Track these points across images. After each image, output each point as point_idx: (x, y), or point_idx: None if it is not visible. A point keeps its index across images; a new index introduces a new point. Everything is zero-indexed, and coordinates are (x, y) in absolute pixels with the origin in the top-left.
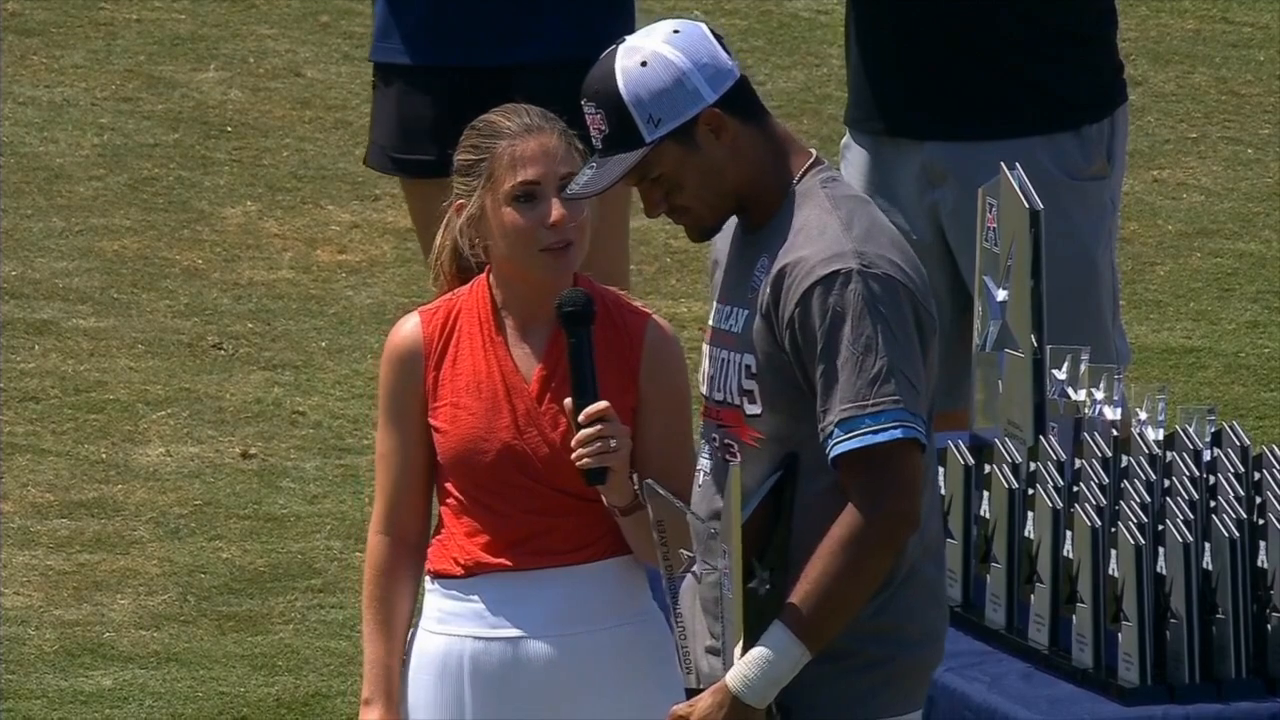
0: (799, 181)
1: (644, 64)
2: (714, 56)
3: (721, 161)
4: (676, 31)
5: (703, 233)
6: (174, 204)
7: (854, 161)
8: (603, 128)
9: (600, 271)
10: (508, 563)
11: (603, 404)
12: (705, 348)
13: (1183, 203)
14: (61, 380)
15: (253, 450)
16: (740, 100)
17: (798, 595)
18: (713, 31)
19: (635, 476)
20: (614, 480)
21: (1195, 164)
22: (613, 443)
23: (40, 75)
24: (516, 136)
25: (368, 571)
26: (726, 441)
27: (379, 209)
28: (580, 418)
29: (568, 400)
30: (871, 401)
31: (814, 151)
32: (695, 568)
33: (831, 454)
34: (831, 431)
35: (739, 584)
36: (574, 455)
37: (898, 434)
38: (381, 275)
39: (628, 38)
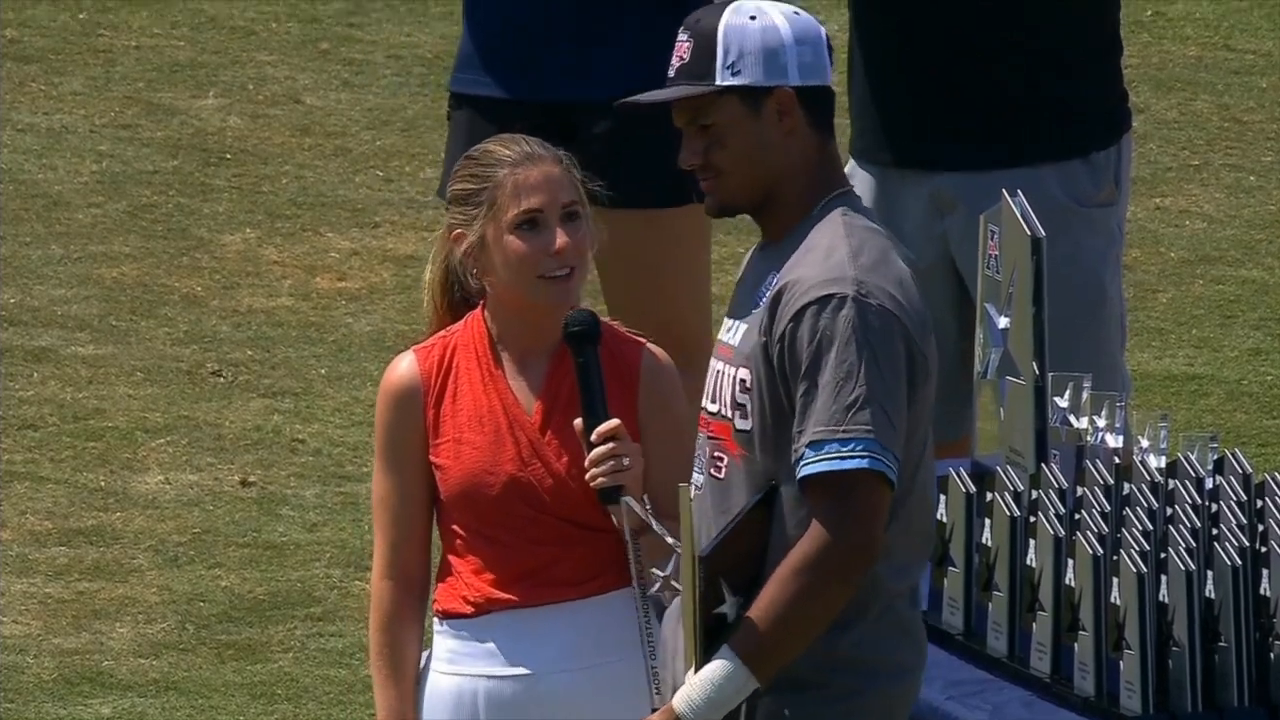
0: (824, 206)
1: (753, 18)
2: (818, 52)
3: (771, 143)
4: (797, 13)
5: (721, 207)
6: (173, 231)
7: (858, 191)
8: (685, 57)
9: (659, 321)
10: (517, 597)
11: (614, 422)
12: (710, 360)
13: (1185, 230)
14: (60, 408)
15: (252, 478)
16: (817, 105)
17: (749, 620)
18: (827, 40)
19: (646, 498)
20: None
21: (1197, 191)
22: (625, 461)
23: (39, 102)
24: (518, 165)
25: (375, 618)
26: (716, 455)
27: (378, 236)
28: (593, 436)
29: (578, 420)
30: (843, 428)
31: (850, 184)
32: (669, 586)
33: (799, 474)
34: (802, 453)
35: (690, 605)
36: (588, 475)
37: (864, 463)
38: (381, 303)
39: None
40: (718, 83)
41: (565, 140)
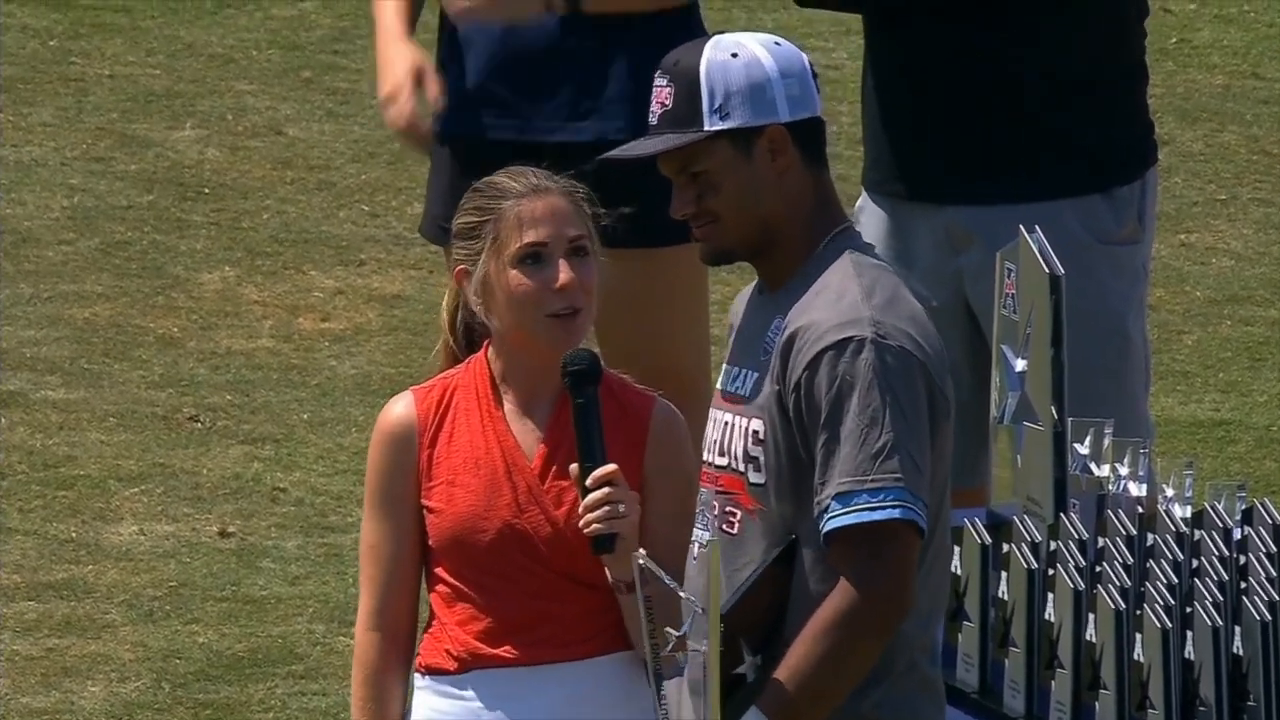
0: (826, 245)
1: (734, 55)
2: (804, 84)
3: (766, 184)
4: (778, 44)
5: (716, 254)
6: (148, 269)
7: (870, 225)
8: (667, 103)
9: (656, 364)
10: (505, 653)
11: (611, 467)
12: (712, 411)
13: (1212, 268)
14: (29, 455)
15: (231, 529)
16: (809, 139)
17: (778, 678)
18: (811, 68)
19: (644, 552)
20: (622, 549)
21: (1225, 227)
22: (621, 507)
23: (7, 134)
24: (523, 197)
25: (357, 672)
26: (728, 509)
27: (364, 274)
28: (588, 481)
29: (574, 465)
30: (871, 477)
31: (850, 219)
32: (685, 648)
33: (825, 529)
34: (828, 505)
35: (715, 666)
36: (581, 521)
37: (895, 514)
38: (366, 344)
39: (728, 32)
40: (706, 128)
41: None
